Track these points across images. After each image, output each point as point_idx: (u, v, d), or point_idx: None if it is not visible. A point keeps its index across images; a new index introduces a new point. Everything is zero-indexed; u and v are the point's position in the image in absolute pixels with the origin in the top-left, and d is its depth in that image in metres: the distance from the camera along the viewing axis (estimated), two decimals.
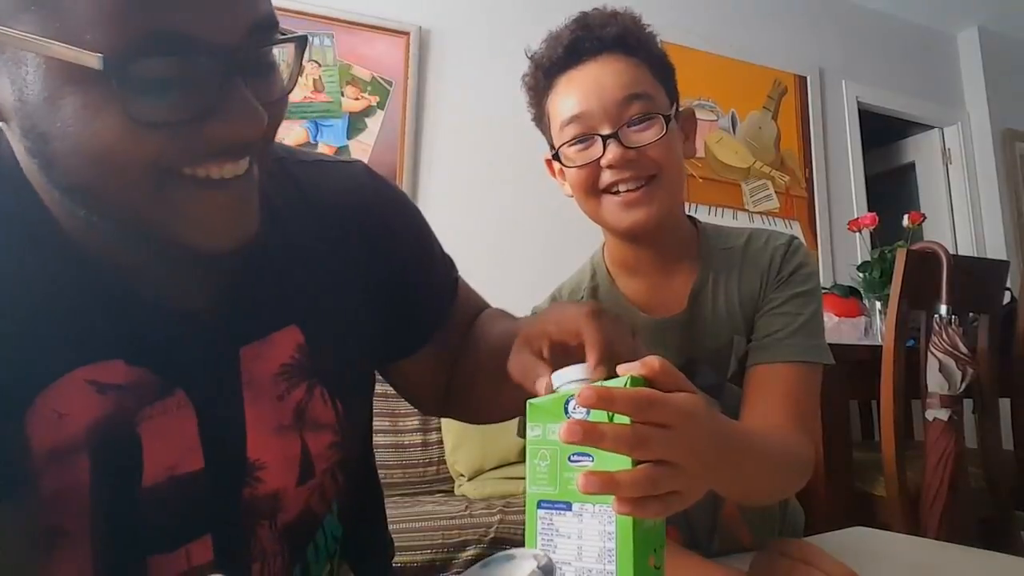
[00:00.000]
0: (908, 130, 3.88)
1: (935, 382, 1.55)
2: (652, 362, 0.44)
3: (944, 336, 1.55)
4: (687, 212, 0.94)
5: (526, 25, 2.87)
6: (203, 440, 0.54)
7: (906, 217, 2.49)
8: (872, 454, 1.77)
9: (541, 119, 0.87)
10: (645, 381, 0.43)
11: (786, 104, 3.24)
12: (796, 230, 3.11)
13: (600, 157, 0.78)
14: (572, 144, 0.80)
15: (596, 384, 0.41)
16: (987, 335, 1.67)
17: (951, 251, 1.61)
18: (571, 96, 0.81)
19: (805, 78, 3.30)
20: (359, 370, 0.66)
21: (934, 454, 1.53)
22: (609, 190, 0.80)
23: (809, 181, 3.21)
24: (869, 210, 3.12)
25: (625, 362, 0.45)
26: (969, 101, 3.78)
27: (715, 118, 3.07)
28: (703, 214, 2.91)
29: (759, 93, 3.19)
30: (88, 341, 0.50)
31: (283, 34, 0.48)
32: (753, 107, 3.16)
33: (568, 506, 0.43)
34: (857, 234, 2.69)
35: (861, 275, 2.41)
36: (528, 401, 0.45)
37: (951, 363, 1.53)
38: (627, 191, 0.79)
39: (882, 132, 3.74)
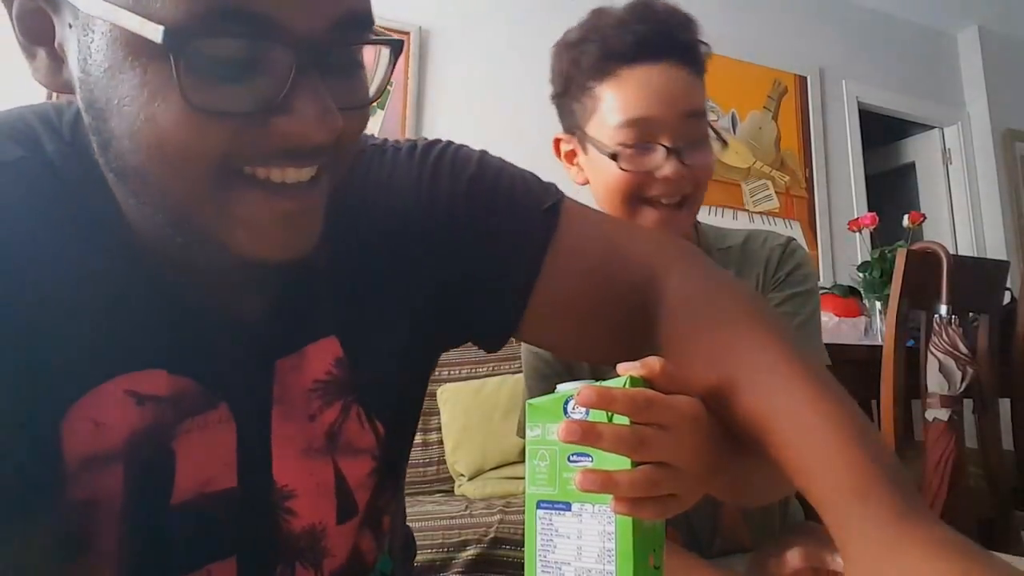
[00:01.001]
0: (908, 130, 3.87)
1: (935, 382, 1.55)
2: (652, 363, 0.44)
3: (944, 336, 1.55)
4: None
5: (526, 25, 2.87)
6: (239, 458, 0.50)
7: (906, 217, 2.49)
8: None
9: (585, 95, 0.80)
10: (645, 382, 0.43)
11: (786, 104, 3.24)
12: (796, 230, 3.11)
13: (655, 168, 0.76)
14: (628, 147, 0.77)
15: (595, 384, 0.41)
16: (987, 335, 1.67)
17: (951, 251, 1.61)
18: (639, 95, 0.76)
19: (805, 78, 3.30)
20: (407, 383, 0.59)
21: (934, 454, 1.53)
22: (650, 201, 0.78)
23: (809, 181, 3.21)
24: (869, 210, 3.12)
25: None
26: (969, 101, 3.77)
27: (715, 118, 3.07)
28: (703, 214, 2.89)
29: (759, 93, 3.19)
30: (129, 347, 0.46)
31: (377, 35, 0.43)
32: (753, 107, 3.16)
33: (568, 506, 0.43)
34: (857, 234, 2.69)
35: (861, 275, 2.41)
36: (527, 401, 0.45)
37: (951, 363, 1.53)
38: (666, 205, 0.78)
39: (882, 132, 3.74)
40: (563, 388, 0.44)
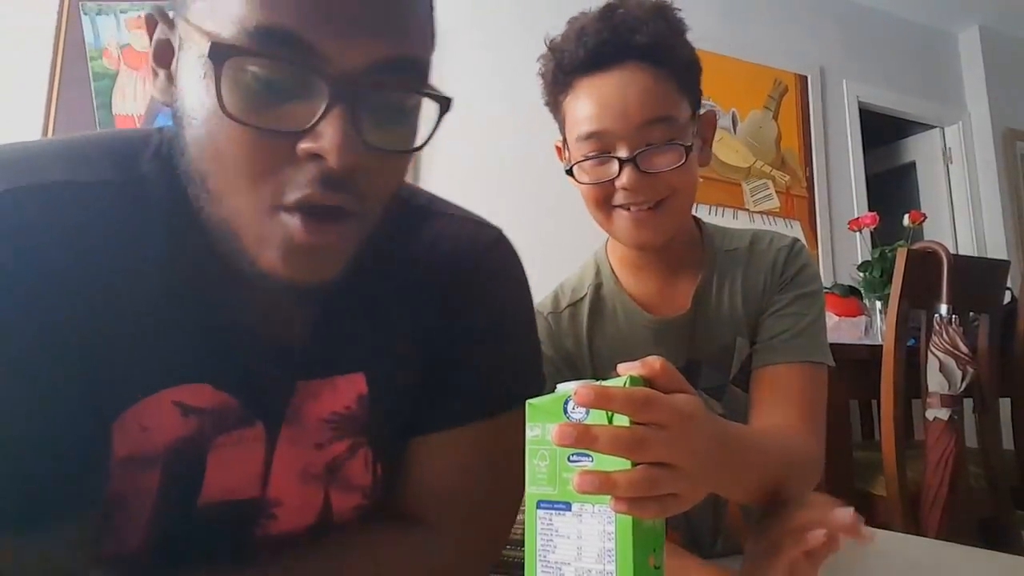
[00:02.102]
0: (909, 129, 3.87)
1: (935, 382, 1.55)
2: (652, 362, 0.44)
3: (944, 336, 1.55)
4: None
5: (526, 25, 2.86)
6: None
7: (906, 217, 2.49)
8: (872, 454, 1.77)
9: (557, 108, 0.83)
10: (644, 381, 0.43)
11: (787, 103, 3.24)
12: (796, 230, 3.10)
13: (615, 177, 0.75)
14: (587, 160, 0.77)
15: (595, 383, 0.41)
16: (987, 335, 1.67)
17: (951, 251, 1.61)
18: (591, 108, 0.76)
19: (806, 77, 3.30)
20: (409, 429, 0.61)
21: (934, 454, 1.53)
22: (621, 206, 0.78)
23: (810, 180, 3.21)
24: (870, 209, 3.11)
25: None
26: (970, 100, 3.77)
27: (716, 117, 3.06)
28: (703, 214, 2.90)
29: (760, 92, 3.19)
30: (181, 362, 0.50)
31: (430, 88, 0.46)
32: (754, 106, 3.16)
33: (568, 506, 0.43)
34: (857, 234, 2.69)
35: (861, 275, 2.41)
36: (528, 401, 0.45)
37: (951, 363, 1.53)
38: (638, 210, 0.77)
39: (883, 131, 3.74)
40: (563, 388, 0.44)
